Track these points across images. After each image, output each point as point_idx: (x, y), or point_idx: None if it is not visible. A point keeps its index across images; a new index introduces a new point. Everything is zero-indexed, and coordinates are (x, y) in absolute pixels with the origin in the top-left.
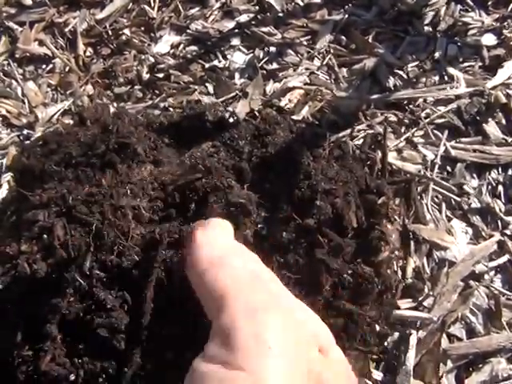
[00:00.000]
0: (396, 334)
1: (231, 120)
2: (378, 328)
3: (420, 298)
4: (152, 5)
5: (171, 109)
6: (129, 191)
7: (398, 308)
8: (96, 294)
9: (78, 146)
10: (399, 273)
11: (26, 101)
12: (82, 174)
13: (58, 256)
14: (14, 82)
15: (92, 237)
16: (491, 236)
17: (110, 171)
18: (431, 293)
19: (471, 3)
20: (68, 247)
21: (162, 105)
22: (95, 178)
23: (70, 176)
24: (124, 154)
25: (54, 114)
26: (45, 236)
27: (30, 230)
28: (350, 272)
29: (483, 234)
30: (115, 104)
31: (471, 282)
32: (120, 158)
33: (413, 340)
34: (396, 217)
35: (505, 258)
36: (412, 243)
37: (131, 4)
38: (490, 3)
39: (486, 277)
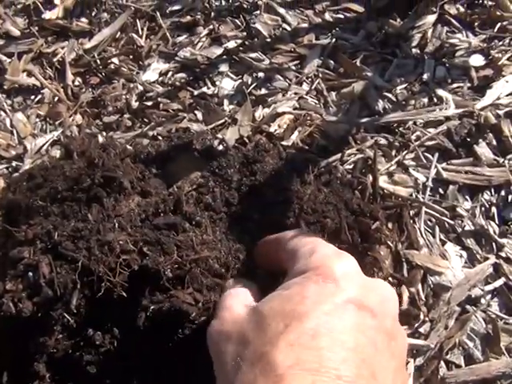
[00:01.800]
0: None
1: (220, 148)
2: None
3: (416, 325)
4: (140, 33)
5: (160, 137)
6: (116, 225)
7: None
8: (84, 331)
9: (63, 181)
10: None
11: (14, 132)
12: (68, 209)
13: (44, 294)
14: (2, 113)
15: (78, 273)
16: (486, 259)
17: (96, 205)
18: (427, 319)
19: (458, 25)
20: (54, 285)
21: (150, 133)
22: (81, 213)
23: (55, 211)
24: (110, 187)
25: (43, 144)
26: (30, 274)
27: (15, 267)
28: None
29: (478, 257)
30: (104, 133)
31: (468, 307)
32: (106, 191)
33: (410, 368)
34: (389, 242)
35: (501, 281)
36: (405, 269)
37: (119, 33)
38: (476, 24)
39: (483, 301)
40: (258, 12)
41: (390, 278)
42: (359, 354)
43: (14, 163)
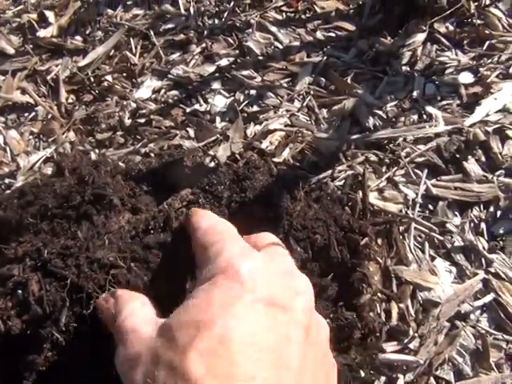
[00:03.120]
0: (382, 379)
1: (212, 164)
2: (363, 374)
3: (405, 341)
4: (133, 51)
5: (152, 154)
6: (106, 241)
7: (384, 351)
8: (74, 348)
9: (53, 198)
10: (383, 315)
11: (7, 149)
12: (58, 227)
13: (33, 312)
14: None
15: (67, 291)
16: (475, 274)
17: (86, 223)
18: (416, 335)
19: (447, 43)
20: (43, 302)
21: (143, 150)
22: (71, 231)
23: (45, 228)
24: (100, 204)
25: (36, 161)
26: (19, 291)
27: (5, 285)
28: (331, 316)
29: (467, 272)
30: (97, 150)
31: (457, 323)
32: (96, 209)
33: None
34: (378, 258)
35: (490, 297)
36: (395, 285)
37: (113, 51)
38: (465, 42)
39: (472, 316)
40: (251, 30)
41: (379, 294)
42: (273, 352)
43: (6, 180)
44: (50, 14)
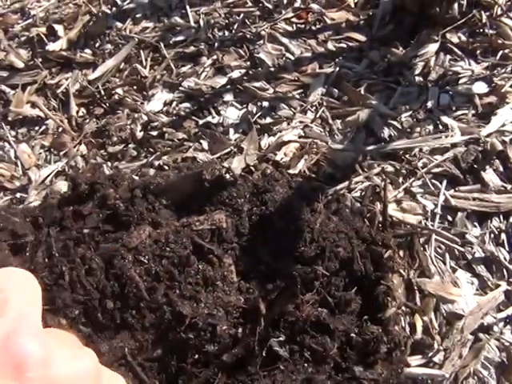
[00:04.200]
0: None
1: (228, 176)
2: None
3: (430, 354)
4: (144, 64)
5: (166, 167)
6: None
7: (409, 365)
8: None
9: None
10: (407, 329)
11: (19, 163)
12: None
13: None
14: (6, 144)
15: None
16: (497, 286)
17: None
18: (441, 348)
19: (460, 53)
20: None
21: (156, 163)
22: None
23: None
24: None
25: (48, 175)
26: None
27: None
28: (356, 331)
29: (489, 283)
30: (109, 163)
31: (481, 335)
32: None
33: None
34: (401, 270)
35: None
36: (418, 297)
37: (123, 64)
38: (478, 52)
39: (496, 329)
40: (261, 42)
41: (403, 307)
42: None
43: (18, 194)
44: (58, 28)
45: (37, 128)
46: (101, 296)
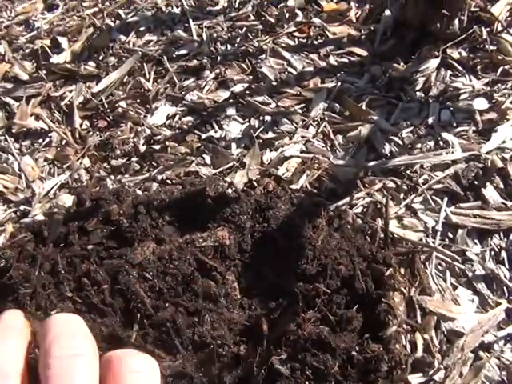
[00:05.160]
0: None
1: (230, 191)
2: None
3: (430, 373)
4: (147, 77)
5: (169, 181)
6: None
7: None
8: None
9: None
10: (408, 347)
11: (22, 175)
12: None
13: None
14: (10, 157)
15: None
16: (498, 304)
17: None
18: (441, 366)
19: (461, 68)
20: None
21: (159, 177)
22: None
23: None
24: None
25: (51, 188)
26: None
27: None
28: (358, 349)
29: (489, 301)
30: (112, 177)
31: (481, 353)
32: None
33: None
34: (402, 288)
35: None
36: (419, 315)
37: (127, 77)
38: (478, 68)
39: (496, 347)
40: (264, 56)
41: (404, 325)
42: None
43: (22, 207)
44: (62, 40)
45: (40, 140)
46: (107, 312)
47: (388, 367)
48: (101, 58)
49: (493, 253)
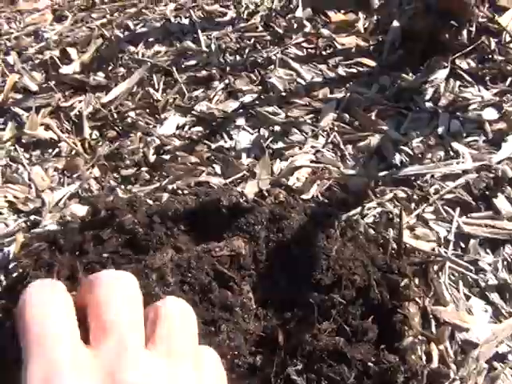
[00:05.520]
0: None
1: (242, 201)
2: None
3: (446, 383)
4: (156, 87)
5: (180, 191)
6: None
7: None
8: None
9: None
10: (423, 357)
11: (32, 185)
12: None
13: None
14: (20, 167)
15: None
16: (511, 314)
17: None
18: (457, 377)
19: (469, 79)
20: None
21: (170, 187)
22: None
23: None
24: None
25: (61, 198)
26: None
27: None
28: (374, 360)
29: (503, 311)
30: (122, 186)
31: (495, 364)
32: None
33: None
34: (417, 299)
35: None
36: (433, 325)
37: (136, 87)
38: (487, 78)
39: (510, 357)
40: (273, 67)
41: (419, 336)
42: None
43: (32, 217)
44: (72, 51)
45: (50, 150)
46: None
47: (404, 378)
48: (110, 68)
49: (505, 263)
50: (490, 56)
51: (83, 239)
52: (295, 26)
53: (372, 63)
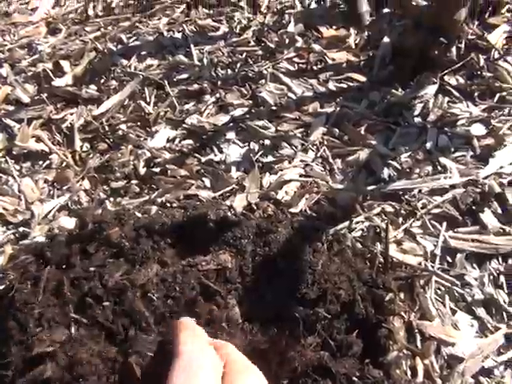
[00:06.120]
0: None
1: (229, 214)
2: None
3: None
4: (148, 100)
5: (169, 204)
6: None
7: None
8: None
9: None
10: (408, 372)
11: (22, 197)
12: None
13: None
14: (10, 178)
15: None
16: (497, 329)
17: None
18: None
19: (458, 95)
20: None
21: (159, 200)
22: None
23: None
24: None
25: (51, 210)
26: None
27: None
28: (358, 374)
29: (489, 326)
30: (112, 199)
31: (481, 379)
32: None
33: None
34: (402, 313)
35: None
36: (419, 340)
37: (127, 100)
38: (476, 95)
39: (496, 372)
40: (264, 81)
41: (404, 350)
42: None
43: (21, 229)
44: (65, 64)
45: (41, 162)
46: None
47: None
48: (102, 81)
49: (491, 277)
50: (479, 72)
51: (70, 252)
52: (287, 41)
53: (362, 78)
